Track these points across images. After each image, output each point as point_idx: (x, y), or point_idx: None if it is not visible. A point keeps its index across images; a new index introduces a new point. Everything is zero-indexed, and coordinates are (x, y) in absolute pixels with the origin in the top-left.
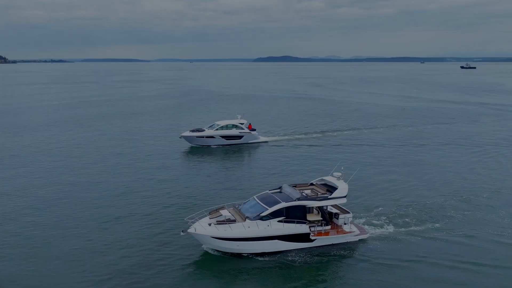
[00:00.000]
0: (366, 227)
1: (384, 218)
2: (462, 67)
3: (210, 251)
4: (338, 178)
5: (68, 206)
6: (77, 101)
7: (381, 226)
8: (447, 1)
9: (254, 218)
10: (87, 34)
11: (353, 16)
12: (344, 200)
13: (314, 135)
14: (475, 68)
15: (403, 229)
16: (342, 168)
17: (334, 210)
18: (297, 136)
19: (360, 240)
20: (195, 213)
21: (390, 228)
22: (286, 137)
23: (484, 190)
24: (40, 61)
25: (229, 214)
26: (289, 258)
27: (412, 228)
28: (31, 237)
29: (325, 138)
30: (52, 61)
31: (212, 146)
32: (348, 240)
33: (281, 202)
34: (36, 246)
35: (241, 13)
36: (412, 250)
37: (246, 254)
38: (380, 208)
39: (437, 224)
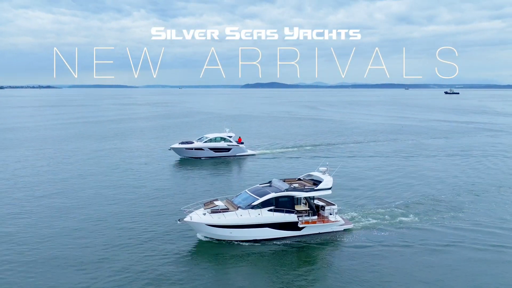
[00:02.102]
0: (350, 218)
1: (368, 210)
2: (446, 93)
3: (204, 239)
4: (324, 173)
5: (73, 207)
6: (82, 121)
7: (365, 218)
8: (429, 30)
9: (246, 207)
10: (75, 60)
11: (338, 43)
12: (329, 192)
13: (305, 148)
14: (458, 93)
15: (385, 220)
16: (327, 163)
17: (321, 203)
18: (287, 150)
19: (345, 230)
20: (191, 203)
21: (373, 220)
22: (275, 151)
23: (469, 189)
24: (27, 86)
25: (223, 205)
26: (279, 245)
27: (393, 220)
28: (33, 234)
29: (316, 150)
30: (40, 86)
31: (201, 158)
32: (334, 230)
33: (271, 193)
34: (40, 240)
35: (229, 40)
36: (393, 238)
37: (238, 241)
38: (364, 201)
39: (416, 216)
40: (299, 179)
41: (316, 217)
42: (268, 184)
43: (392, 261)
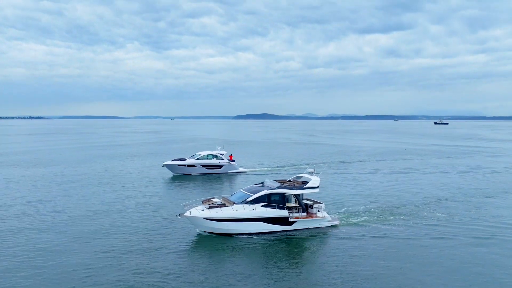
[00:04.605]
0: (337, 215)
1: (354, 208)
2: (435, 123)
3: (203, 233)
4: (311, 173)
5: (79, 213)
6: (91, 145)
7: (351, 216)
8: (417, 63)
9: (241, 203)
10: (67, 91)
11: (328, 76)
12: (316, 190)
13: (299, 166)
14: (447, 124)
15: (370, 218)
16: (314, 165)
17: (310, 202)
18: (283, 167)
19: (332, 226)
20: (190, 201)
21: (359, 218)
22: (267, 169)
23: (452, 194)
24: (18, 117)
25: (220, 201)
26: (272, 238)
27: (379, 216)
28: (39, 234)
29: (316, 168)
30: (31, 117)
31: (192, 175)
32: (322, 225)
33: (263, 190)
34: (44, 233)
35: (221, 72)
36: (377, 232)
37: (234, 234)
38: (351, 203)
39: (399, 214)
40: (289, 180)
41: (305, 213)
42: (261, 184)
43: (372, 251)
